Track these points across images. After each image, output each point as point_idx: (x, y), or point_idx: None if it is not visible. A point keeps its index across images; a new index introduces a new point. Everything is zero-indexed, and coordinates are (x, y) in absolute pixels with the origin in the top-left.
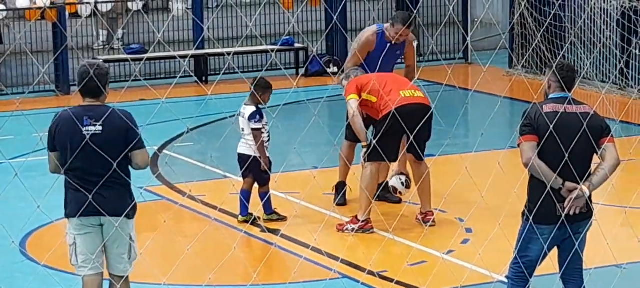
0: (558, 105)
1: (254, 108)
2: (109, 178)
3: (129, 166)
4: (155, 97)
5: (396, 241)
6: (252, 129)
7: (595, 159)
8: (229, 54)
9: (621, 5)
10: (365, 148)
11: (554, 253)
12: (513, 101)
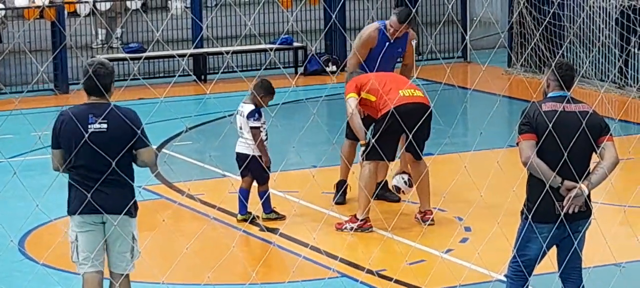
0: (557, 104)
1: (253, 106)
2: (112, 176)
3: (132, 165)
4: (154, 96)
5: (395, 240)
6: (251, 127)
7: (594, 158)
8: (227, 52)
9: (620, 3)
10: (363, 147)
11: (552, 252)
12: (512, 100)
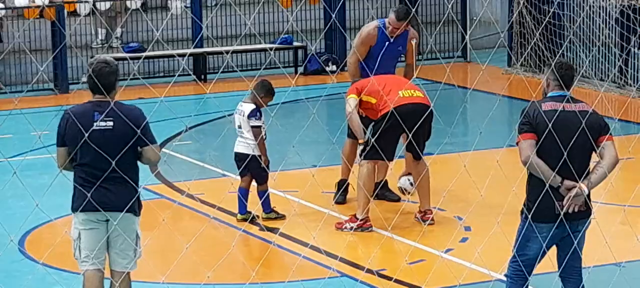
0: (557, 103)
1: (253, 105)
2: (117, 174)
3: (137, 163)
4: (153, 95)
5: (395, 239)
6: (252, 126)
7: (594, 157)
8: (227, 52)
9: (620, 3)
10: (362, 146)
11: (552, 252)
12: (512, 99)
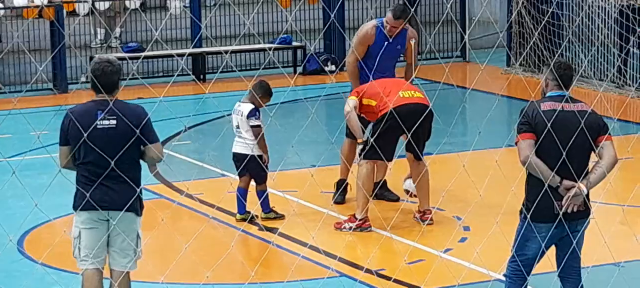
0: (556, 103)
1: (252, 105)
2: (120, 173)
3: (140, 162)
4: (152, 95)
5: (394, 239)
6: (252, 126)
7: (593, 157)
8: (226, 52)
9: (619, 3)
10: (360, 146)
11: (551, 251)
12: (511, 99)
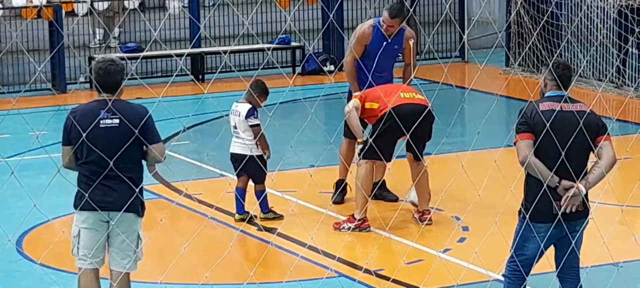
0: (554, 103)
1: (249, 105)
2: (121, 173)
3: (142, 162)
4: (151, 95)
5: (393, 239)
6: (251, 125)
7: (591, 157)
8: (225, 52)
9: (618, 3)
10: (360, 145)
11: (550, 252)
12: (509, 99)
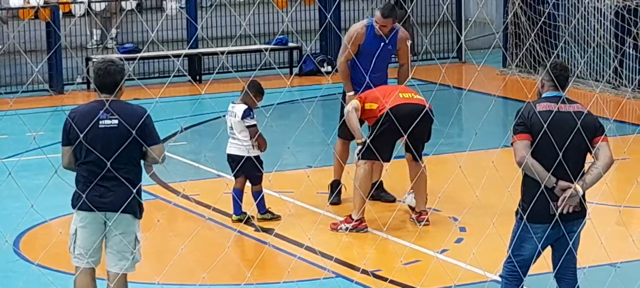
0: (551, 104)
1: (245, 106)
2: (119, 174)
3: (140, 163)
4: (148, 96)
5: (390, 240)
6: (248, 126)
7: (589, 158)
8: (222, 53)
9: (615, 4)
10: (359, 146)
11: (547, 252)
12: (507, 100)
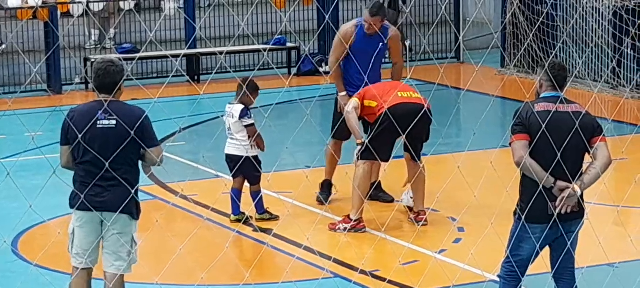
0: (550, 104)
1: (242, 106)
2: (117, 174)
3: (138, 165)
4: (147, 96)
5: (388, 240)
6: (246, 125)
7: (587, 158)
8: (221, 53)
9: (613, 4)
10: (359, 146)
11: (546, 252)
12: (505, 100)
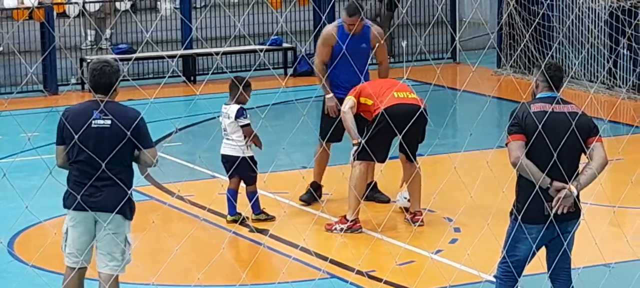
0: (546, 104)
1: (237, 106)
2: (111, 174)
3: (132, 165)
4: (143, 97)
5: (385, 241)
6: (242, 125)
7: (583, 159)
8: (217, 53)
9: (609, 5)
10: (355, 146)
11: (542, 253)
12: (501, 101)
